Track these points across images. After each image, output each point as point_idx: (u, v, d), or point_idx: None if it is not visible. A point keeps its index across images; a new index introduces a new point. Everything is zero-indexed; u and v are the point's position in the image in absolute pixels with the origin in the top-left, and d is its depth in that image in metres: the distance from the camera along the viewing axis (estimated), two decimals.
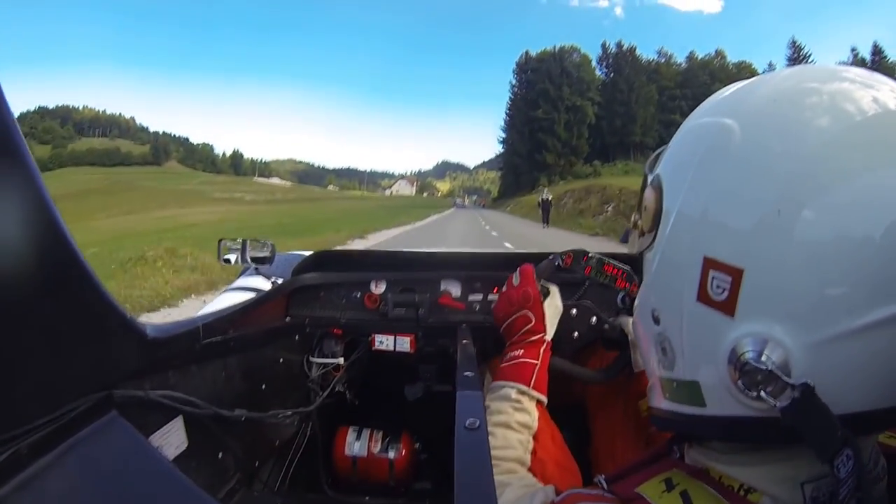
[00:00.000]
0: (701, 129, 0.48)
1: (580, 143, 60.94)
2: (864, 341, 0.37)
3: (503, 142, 73.43)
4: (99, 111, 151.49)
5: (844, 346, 0.37)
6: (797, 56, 51.64)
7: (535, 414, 0.75)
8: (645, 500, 0.46)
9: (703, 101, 0.52)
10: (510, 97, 69.34)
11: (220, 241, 1.19)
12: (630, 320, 0.56)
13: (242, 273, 1.30)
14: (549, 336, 0.83)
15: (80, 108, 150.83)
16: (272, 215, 26.26)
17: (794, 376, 0.38)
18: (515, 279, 0.88)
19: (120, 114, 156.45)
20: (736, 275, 0.40)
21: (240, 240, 1.19)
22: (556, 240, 13.40)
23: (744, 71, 56.18)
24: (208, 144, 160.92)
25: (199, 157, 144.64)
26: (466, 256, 1.25)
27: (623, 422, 0.93)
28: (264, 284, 1.18)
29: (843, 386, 0.38)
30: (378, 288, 1.18)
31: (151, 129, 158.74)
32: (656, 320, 0.50)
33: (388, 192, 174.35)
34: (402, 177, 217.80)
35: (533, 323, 0.82)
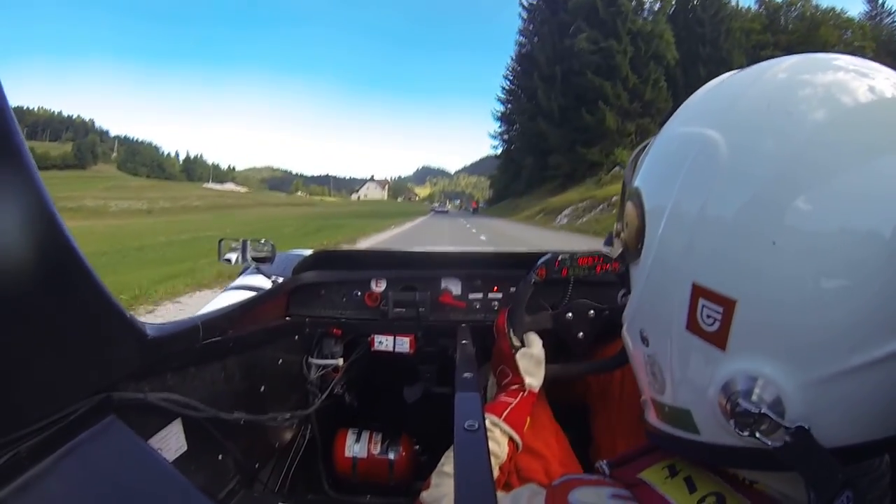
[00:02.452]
0: (683, 141, 0.44)
1: (658, 97, 33.68)
2: (863, 378, 0.35)
3: (501, 117, 45.89)
4: (54, 112, 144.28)
5: (843, 383, 0.35)
6: (877, 12, 39.55)
7: (505, 447, 0.78)
8: (648, 486, 0.45)
9: (797, 53, 0.43)
10: (521, 26, 42.15)
11: (220, 240, 1.17)
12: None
13: (243, 272, 1.29)
14: (530, 383, 0.85)
15: (35, 109, 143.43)
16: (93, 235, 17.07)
17: (789, 417, 0.36)
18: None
19: (77, 116, 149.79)
20: (728, 306, 0.37)
21: (240, 239, 1.18)
22: None
23: (833, 18, 38.48)
24: (154, 146, 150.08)
25: (141, 161, 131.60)
26: (467, 255, 1.26)
27: (623, 419, 0.94)
28: (265, 283, 1.17)
29: (838, 421, 0.36)
30: (378, 286, 1.18)
31: (113, 133, 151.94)
32: (645, 341, 0.48)
33: (355, 197, 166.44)
34: (372, 179, 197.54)
35: (511, 376, 0.87)
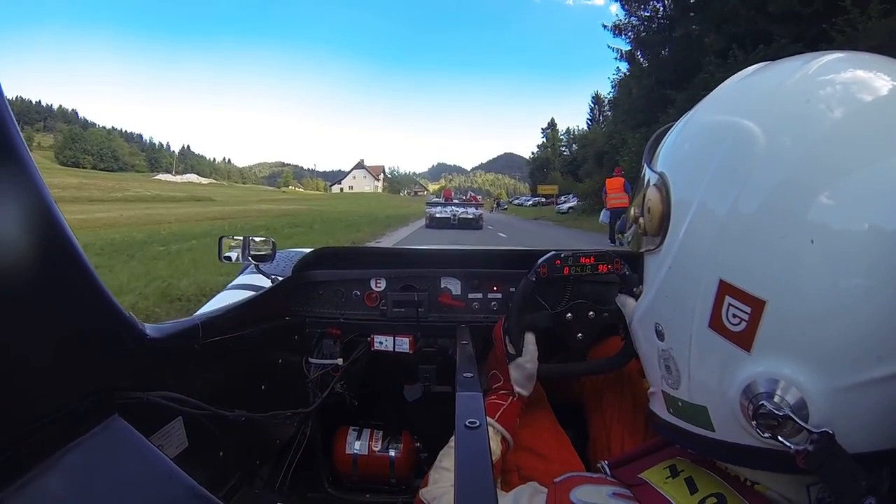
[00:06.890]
0: (715, 129, 0.42)
1: None
2: (889, 388, 0.34)
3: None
4: (33, 102, 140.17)
5: (868, 392, 0.34)
6: None
7: (499, 447, 0.79)
8: (649, 486, 0.45)
9: None
10: None
11: (220, 238, 1.16)
12: (626, 298, 0.56)
13: (243, 271, 1.28)
14: (519, 391, 0.86)
15: (14, 98, 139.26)
16: None
17: (812, 421, 0.35)
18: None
19: (59, 105, 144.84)
20: (756, 306, 0.36)
21: (241, 237, 1.17)
22: None
23: None
24: (106, 129, 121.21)
25: (84, 148, 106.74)
26: (467, 253, 1.26)
27: (617, 415, 0.95)
28: (264, 282, 1.17)
29: (861, 428, 0.35)
30: (378, 285, 1.19)
31: (99, 124, 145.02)
32: (660, 335, 0.47)
33: (337, 189, 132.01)
34: (360, 166, 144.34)
35: (501, 382, 0.89)
